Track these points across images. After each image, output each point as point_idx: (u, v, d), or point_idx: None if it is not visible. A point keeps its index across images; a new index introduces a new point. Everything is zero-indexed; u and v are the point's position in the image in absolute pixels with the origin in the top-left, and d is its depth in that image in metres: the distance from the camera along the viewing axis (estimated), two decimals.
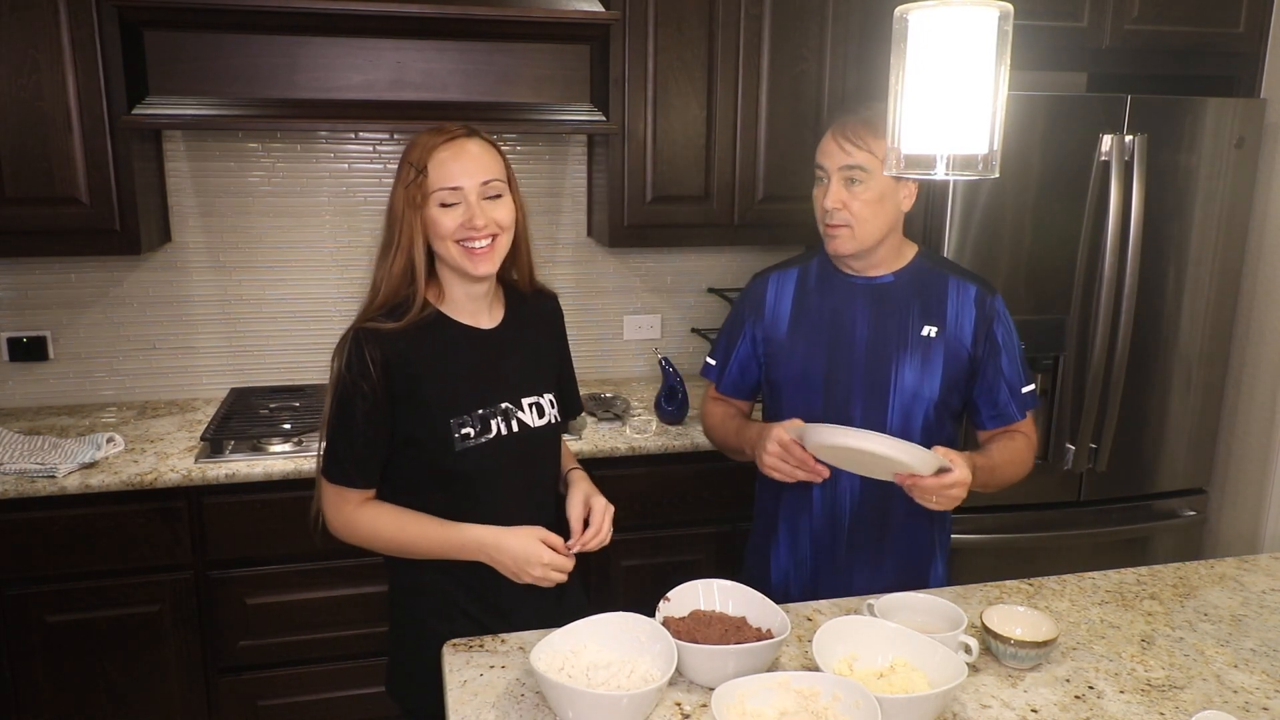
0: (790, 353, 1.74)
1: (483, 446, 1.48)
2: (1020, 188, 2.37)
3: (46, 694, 2.20)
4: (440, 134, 1.44)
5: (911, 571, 1.77)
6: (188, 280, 2.68)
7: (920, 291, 1.70)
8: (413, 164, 1.41)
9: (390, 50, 2.33)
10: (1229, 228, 2.55)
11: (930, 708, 1.23)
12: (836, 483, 1.71)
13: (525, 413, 1.53)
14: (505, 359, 1.54)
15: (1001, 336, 1.70)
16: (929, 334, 1.68)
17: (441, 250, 1.45)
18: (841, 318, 1.71)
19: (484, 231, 1.43)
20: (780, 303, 1.77)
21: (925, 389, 1.68)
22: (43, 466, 2.11)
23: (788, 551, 1.79)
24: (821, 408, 1.70)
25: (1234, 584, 1.71)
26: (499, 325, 1.55)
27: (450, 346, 1.48)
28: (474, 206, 1.42)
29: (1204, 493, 2.73)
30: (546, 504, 1.60)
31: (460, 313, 1.51)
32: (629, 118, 2.53)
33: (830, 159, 1.63)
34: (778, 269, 1.81)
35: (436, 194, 1.41)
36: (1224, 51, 2.59)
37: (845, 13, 2.58)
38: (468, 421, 1.47)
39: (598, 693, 1.24)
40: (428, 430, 1.45)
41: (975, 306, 1.69)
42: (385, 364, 1.42)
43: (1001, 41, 1.16)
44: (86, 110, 2.22)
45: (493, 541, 1.44)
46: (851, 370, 1.69)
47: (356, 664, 2.36)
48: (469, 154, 1.43)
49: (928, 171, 1.22)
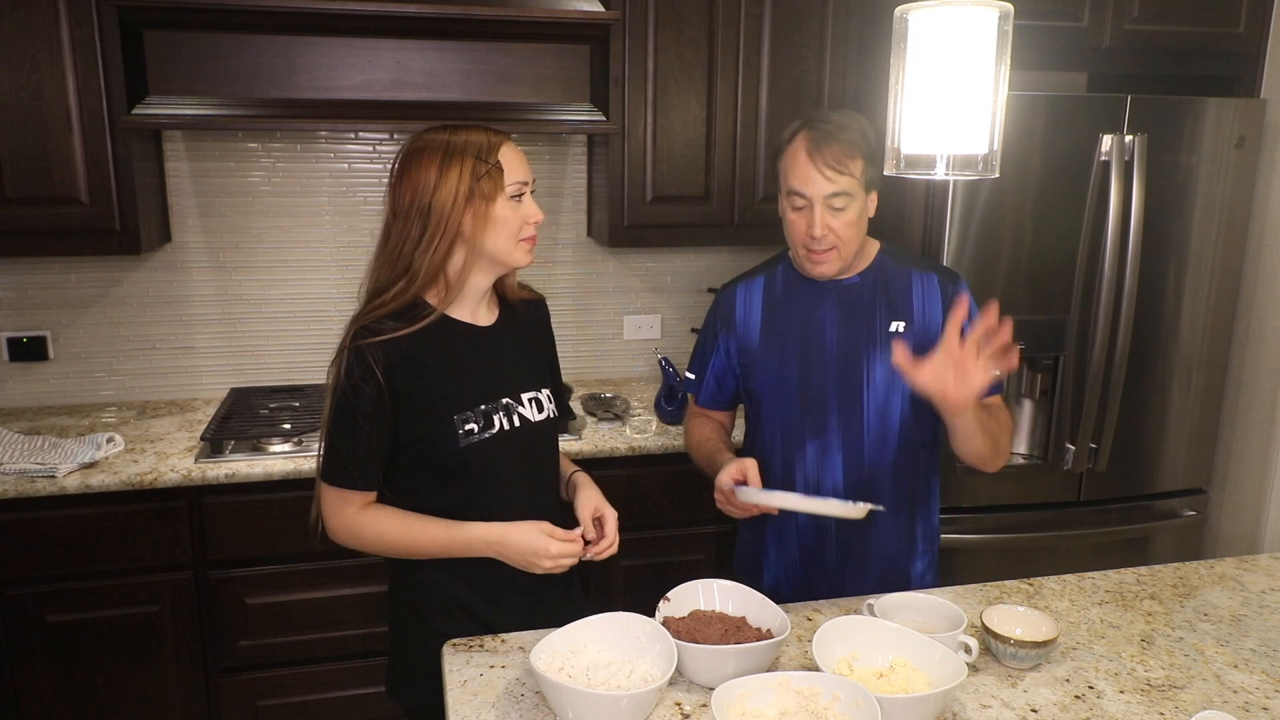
0: (764, 362, 1.74)
1: (486, 441, 1.48)
2: (1020, 188, 2.37)
3: (46, 694, 2.20)
4: (492, 133, 1.46)
5: (894, 568, 1.77)
6: (188, 280, 2.68)
7: (885, 289, 1.70)
8: (483, 159, 1.41)
9: (390, 50, 2.33)
10: (1229, 228, 2.55)
11: (930, 708, 1.23)
12: (819, 486, 1.72)
13: (525, 407, 1.54)
14: (503, 355, 1.55)
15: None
16: (897, 329, 1.68)
17: (500, 244, 1.45)
18: (811, 322, 1.71)
19: (538, 226, 1.49)
20: (750, 312, 1.77)
21: (898, 385, 1.68)
22: (43, 466, 2.11)
23: (777, 558, 1.79)
24: (799, 413, 1.71)
25: (1234, 584, 1.71)
26: (495, 322, 1.56)
27: (451, 343, 1.49)
28: (533, 201, 1.48)
29: (1204, 493, 2.73)
30: (549, 498, 1.60)
31: (461, 311, 1.51)
32: (629, 118, 2.53)
33: (813, 187, 1.59)
34: (743, 279, 1.81)
35: (511, 187, 1.44)
36: (1224, 51, 2.59)
37: (845, 13, 2.58)
38: (470, 417, 1.47)
39: (598, 693, 1.24)
40: (431, 427, 1.45)
41: (940, 294, 1.70)
42: (388, 366, 1.42)
43: (1001, 41, 1.16)
44: (86, 110, 2.22)
45: (499, 537, 1.45)
46: (825, 373, 1.70)
47: (356, 664, 2.36)
48: (522, 154, 1.48)
49: (928, 171, 1.23)
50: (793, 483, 1.74)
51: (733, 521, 1.76)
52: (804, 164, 1.60)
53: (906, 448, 1.72)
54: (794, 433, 1.73)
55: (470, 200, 1.41)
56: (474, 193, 1.41)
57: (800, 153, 1.61)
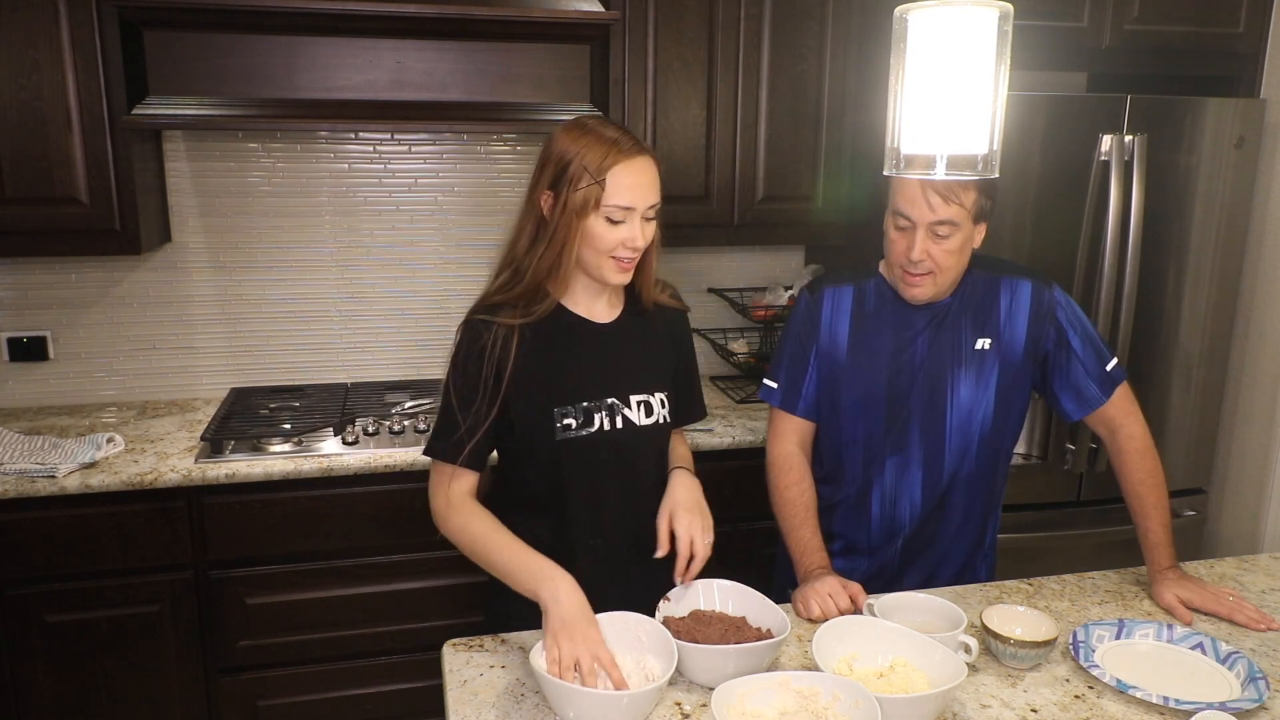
0: (851, 378, 1.71)
1: (584, 439, 1.48)
2: (1020, 188, 2.37)
3: (46, 694, 2.20)
4: (620, 146, 1.41)
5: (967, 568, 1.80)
6: (188, 280, 2.68)
7: (973, 304, 1.69)
8: (590, 172, 1.39)
9: (390, 50, 2.33)
10: (1229, 228, 2.55)
11: (930, 707, 1.23)
12: (896, 500, 1.72)
13: (632, 410, 1.53)
14: (618, 354, 1.53)
15: (1065, 319, 1.69)
16: (982, 347, 1.68)
17: (590, 258, 1.44)
18: (902, 342, 1.69)
19: (638, 252, 1.45)
20: (837, 321, 1.73)
21: (981, 404, 1.68)
22: (43, 466, 2.11)
23: (842, 561, 1.77)
24: (883, 432, 1.71)
25: (1234, 584, 1.71)
26: (615, 320, 1.55)
27: (564, 336, 1.49)
28: (637, 227, 1.43)
29: (1204, 493, 2.73)
30: (645, 506, 1.55)
31: (578, 305, 1.51)
32: (629, 118, 2.53)
33: (919, 211, 1.55)
34: (830, 283, 1.76)
35: (608, 209, 1.40)
36: (1224, 51, 2.59)
37: (845, 13, 2.58)
38: (570, 412, 1.47)
39: (597, 692, 1.24)
40: (532, 417, 1.46)
41: (1031, 303, 1.69)
42: (493, 347, 1.43)
43: (1001, 41, 1.16)
44: (86, 110, 2.22)
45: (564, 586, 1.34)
46: (911, 391, 1.68)
47: (357, 664, 2.36)
48: (647, 175, 1.42)
49: (927, 171, 1.23)
50: (869, 498, 1.74)
51: (733, 521, 1.76)
52: (912, 185, 1.56)
53: (987, 457, 1.72)
54: (876, 450, 1.72)
55: (578, 210, 1.40)
56: (569, 203, 1.40)
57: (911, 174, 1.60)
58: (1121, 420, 1.71)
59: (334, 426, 2.37)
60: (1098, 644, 1.47)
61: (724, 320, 3.04)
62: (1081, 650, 1.43)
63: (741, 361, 2.89)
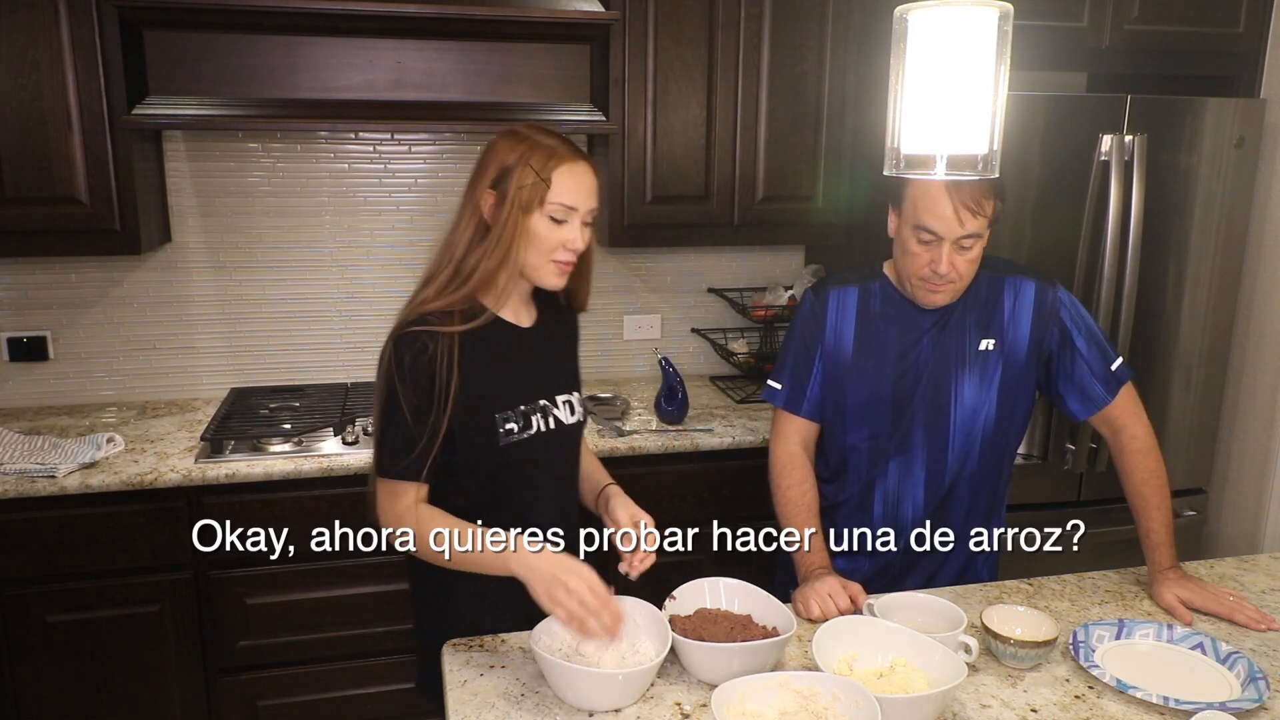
0: (857, 377, 1.71)
1: (524, 442, 1.49)
2: (1020, 188, 2.37)
3: (46, 694, 2.20)
4: (563, 150, 1.43)
5: (968, 570, 1.80)
6: (188, 280, 2.68)
7: (977, 305, 1.69)
8: (536, 170, 1.40)
9: (390, 50, 2.33)
10: (1229, 228, 2.55)
11: (930, 708, 1.23)
12: (899, 501, 1.72)
13: (559, 409, 1.56)
14: (541, 357, 1.56)
15: (1069, 319, 1.69)
16: (986, 347, 1.68)
17: (531, 259, 1.45)
18: (908, 344, 1.69)
19: (576, 254, 1.47)
20: (843, 322, 1.73)
21: (984, 404, 1.68)
22: (43, 466, 2.11)
23: (844, 562, 1.77)
24: (888, 433, 1.71)
25: (1234, 584, 1.71)
26: (534, 324, 1.56)
27: (496, 343, 1.49)
28: (578, 229, 1.45)
29: (1204, 493, 2.73)
30: (572, 498, 1.63)
31: (506, 310, 1.52)
32: (629, 118, 2.53)
33: (947, 226, 1.53)
34: (835, 285, 1.75)
35: (551, 207, 1.42)
36: (1224, 51, 2.59)
37: (845, 13, 2.58)
38: (511, 417, 1.48)
39: (594, 670, 1.28)
40: (474, 425, 1.46)
41: (1034, 303, 1.69)
42: (436, 361, 1.41)
43: (1001, 41, 1.16)
44: (86, 110, 2.22)
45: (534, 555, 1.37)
46: (915, 392, 1.69)
47: (356, 664, 2.36)
48: (589, 180, 1.45)
49: (927, 171, 1.23)
50: (872, 499, 1.74)
51: (733, 522, 1.76)
52: (940, 200, 1.53)
53: (990, 458, 1.72)
54: (880, 450, 1.72)
55: (522, 208, 1.41)
56: (515, 200, 1.40)
57: (939, 187, 1.52)
58: (1125, 421, 1.71)
59: (334, 426, 2.38)
60: (1098, 644, 1.47)
61: (724, 320, 3.04)
62: (1081, 650, 1.43)
63: (741, 361, 2.89)
